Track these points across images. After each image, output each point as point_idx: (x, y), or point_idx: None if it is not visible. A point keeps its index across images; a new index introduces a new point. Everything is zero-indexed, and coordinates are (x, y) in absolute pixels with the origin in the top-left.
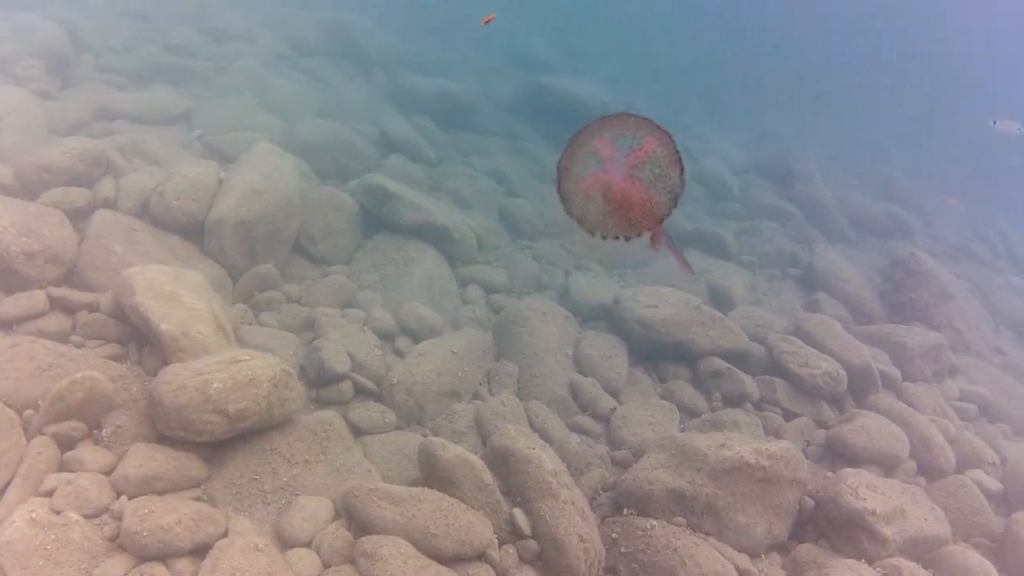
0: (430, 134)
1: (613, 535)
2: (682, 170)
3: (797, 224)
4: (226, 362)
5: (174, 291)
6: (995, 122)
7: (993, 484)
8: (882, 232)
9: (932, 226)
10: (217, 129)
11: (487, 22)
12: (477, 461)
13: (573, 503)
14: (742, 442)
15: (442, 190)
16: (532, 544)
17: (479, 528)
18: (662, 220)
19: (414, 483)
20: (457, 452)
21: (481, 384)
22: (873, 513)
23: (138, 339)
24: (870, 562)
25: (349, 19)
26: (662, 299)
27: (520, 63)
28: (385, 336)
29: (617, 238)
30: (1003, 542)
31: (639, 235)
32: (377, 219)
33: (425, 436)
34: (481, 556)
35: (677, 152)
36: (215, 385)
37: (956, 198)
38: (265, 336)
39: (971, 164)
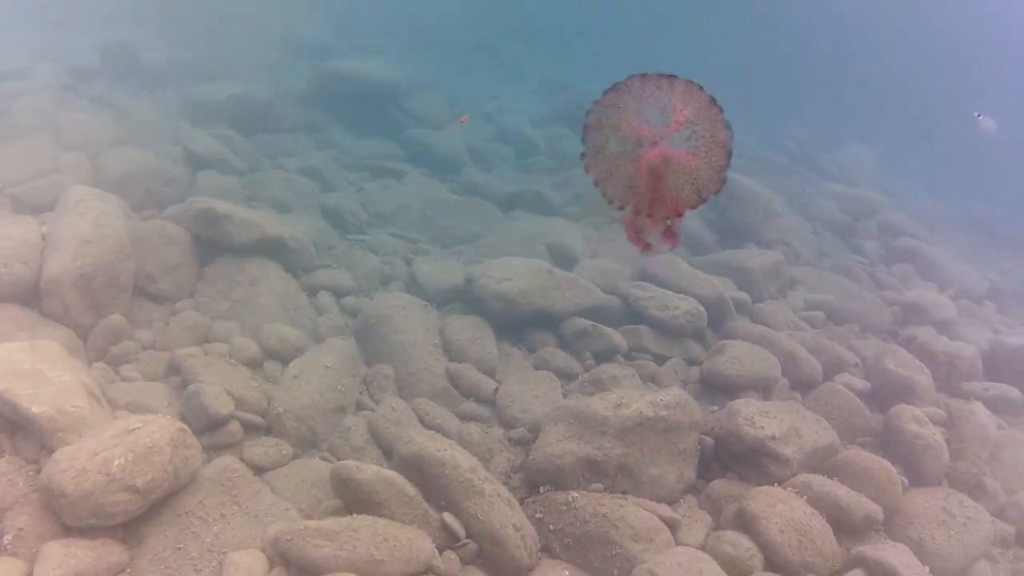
0: (234, 143)
1: (538, 515)
2: (729, 138)
3: None
4: (120, 434)
5: (35, 367)
6: (979, 115)
7: (860, 384)
8: None
9: (736, 143)
10: (17, 179)
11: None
12: (397, 476)
13: (499, 495)
14: (636, 398)
15: (260, 199)
16: (470, 544)
17: (420, 543)
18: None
19: (334, 511)
20: (374, 471)
21: (361, 393)
22: (773, 438)
23: (7, 428)
24: (780, 484)
25: (125, 36)
26: (513, 270)
27: (304, 52)
28: (253, 364)
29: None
30: (884, 437)
31: (672, 217)
32: (211, 244)
33: (325, 459)
34: (428, 570)
35: (722, 117)
36: (116, 462)
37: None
38: (134, 392)
39: (753, 77)
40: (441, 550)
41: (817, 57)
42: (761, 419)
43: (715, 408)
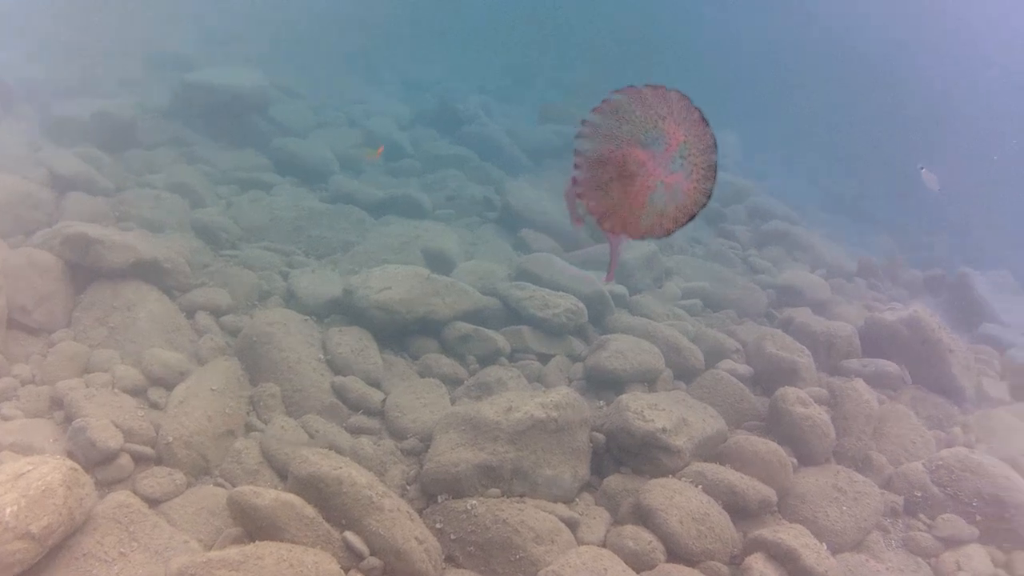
0: (99, 162)
1: (438, 525)
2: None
3: (476, 165)
4: (10, 479)
5: None
6: (922, 168)
7: (743, 369)
8: (555, 154)
9: None
10: None
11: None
12: (295, 499)
13: (399, 509)
14: (525, 400)
15: (131, 220)
16: (374, 561)
17: (326, 565)
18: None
19: (235, 539)
20: (272, 496)
21: (249, 413)
22: (664, 430)
23: None
24: (674, 474)
25: None
26: (392, 279)
27: (166, 65)
28: (137, 392)
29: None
30: (771, 420)
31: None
32: (84, 269)
33: (219, 485)
34: None
35: (711, 137)
36: (9, 509)
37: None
38: (17, 432)
39: (615, 68)
40: (346, 570)
41: (678, 43)
42: (650, 412)
43: (602, 404)
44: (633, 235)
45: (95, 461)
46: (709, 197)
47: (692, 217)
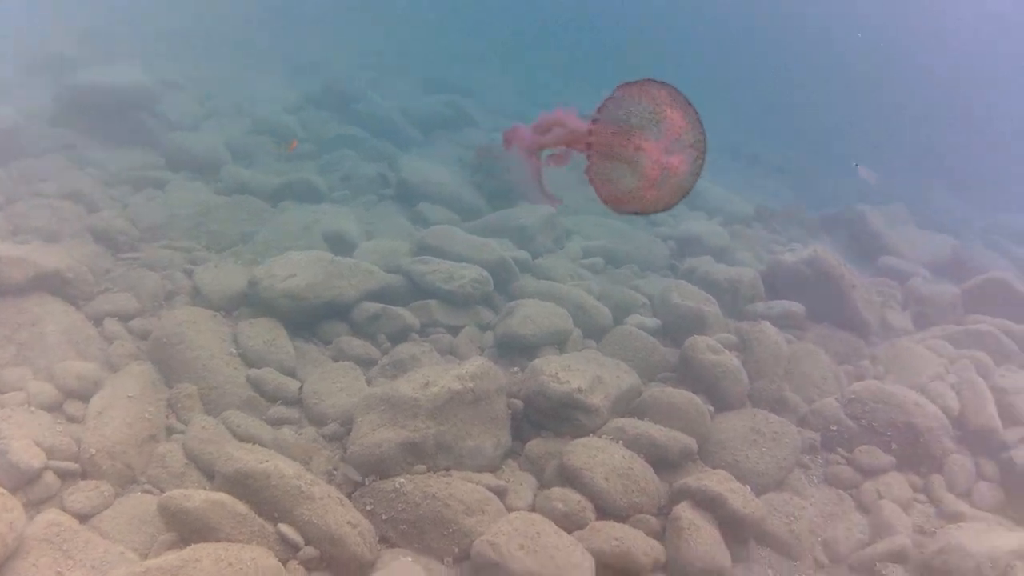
0: None
1: (368, 507)
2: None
3: (369, 144)
4: None
5: None
6: (856, 165)
7: (651, 322)
8: (448, 125)
9: (490, 100)
10: None
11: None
12: (226, 497)
13: (329, 495)
14: (441, 374)
15: (26, 232)
16: (311, 551)
17: (264, 560)
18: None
19: (170, 545)
20: (202, 497)
21: (168, 416)
22: (579, 390)
23: None
24: (594, 433)
25: None
26: (295, 266)
27: (42, 67)
28: (53, 408)
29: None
30: (683, 369)
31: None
32: None
33: (148, 491)
34: None
35: (699, 120)
36: None
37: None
38: None
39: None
40: (284, 562)
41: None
42: (564, 373)
43: (516, 370)
44: (641, 213)
45: (20, 483)
46: (700, 174)
47: (687, 192)
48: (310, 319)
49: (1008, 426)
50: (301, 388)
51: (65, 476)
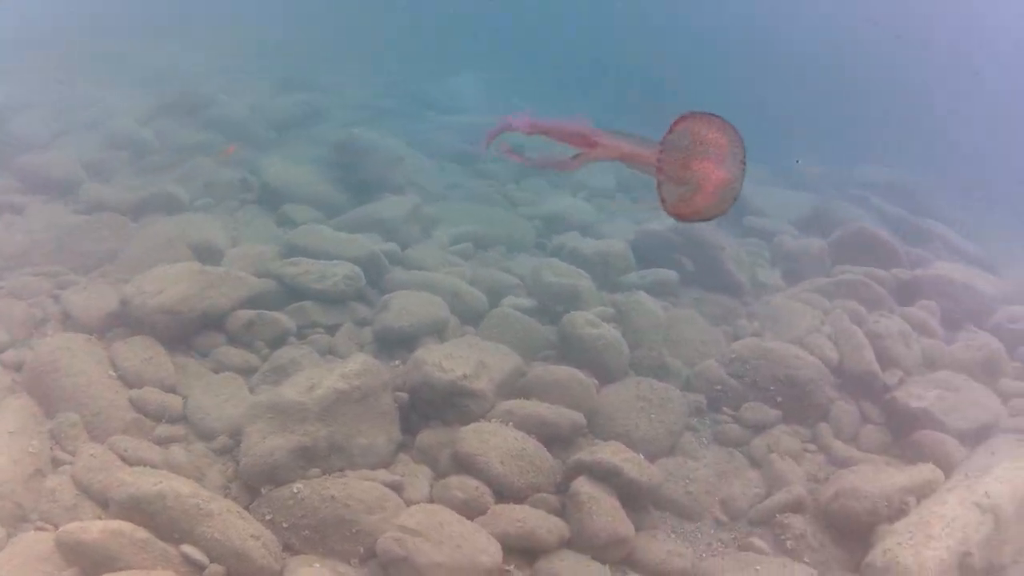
0: None
1: (268, 517)
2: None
3: (225, 148)
4: None
5: None
6: (798, 161)
7: (526, 302)
8: (303, 123)
9: (344, 96)
10: None
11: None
12: (124, 524)
13: (228, 510)
14: (325, 375)
15: None
16: (216, 568)
17: None
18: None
19: None
20: (100, 527)
21: (53, 448)
22: (464, 376)
23: None
24: (484, 418)
25: None
26: (165, 280)
27: None
28: None
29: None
30: (564, 346)
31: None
32: None
33: (41, 528)
34: None
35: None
36: None
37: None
38: None
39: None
40: None
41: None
42: (448, 362)
43: (398, 363)
44: (703, 220)
45: None
46: (741, 184)
47: (738, 196)
48: (186, 332)
49: (886, 368)
50: (185, 404)
51: None
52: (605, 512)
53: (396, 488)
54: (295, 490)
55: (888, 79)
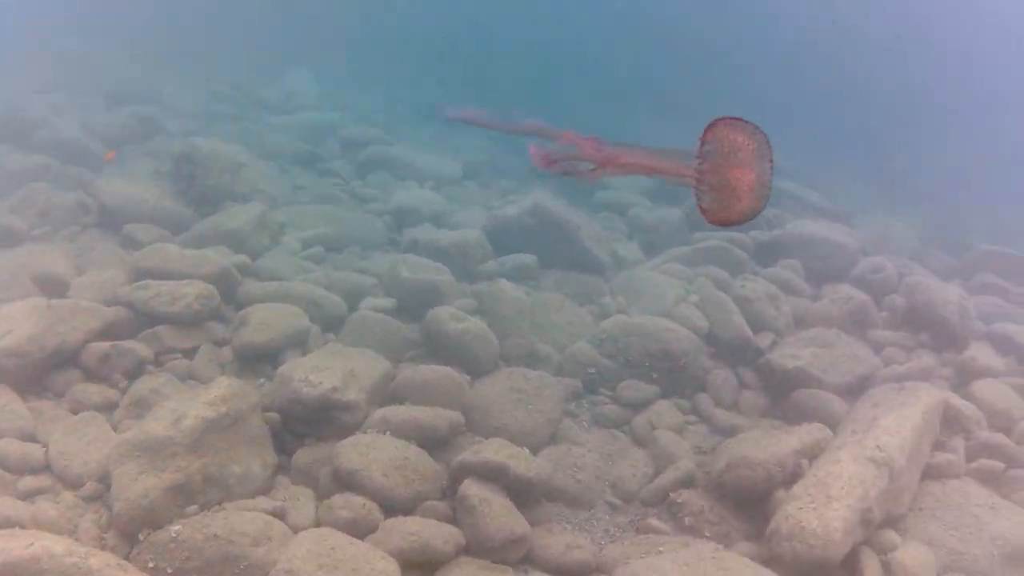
0: None
1: (151, 564)
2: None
3: (58, 171)
4: None
5: None
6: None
7: (386, 302)
8: (135, 138)
9: (179, 105)
10: None
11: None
12: None
13: (108, 564)
14: (190, 405)
15: None
16: None
17: None
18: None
19: None
20: None
21: None
22: (334, 389)
23: None
24: (359, 430)
25: None
26: (10, 320)
27: None
28: None
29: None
30: (430, 344)
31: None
32: None
33: None
34: None
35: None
36: None
37: None
38: None
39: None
40: None
41: None
42: (315, 375)
43: (263, 381)
44: (742, 223)
45: None
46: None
47: (770, 194)
48: (39, 374)
49: (758, 332)
50: (47, 451)
51: None
52: (497, 513)
53: (279, 515)
54: (174, 532)
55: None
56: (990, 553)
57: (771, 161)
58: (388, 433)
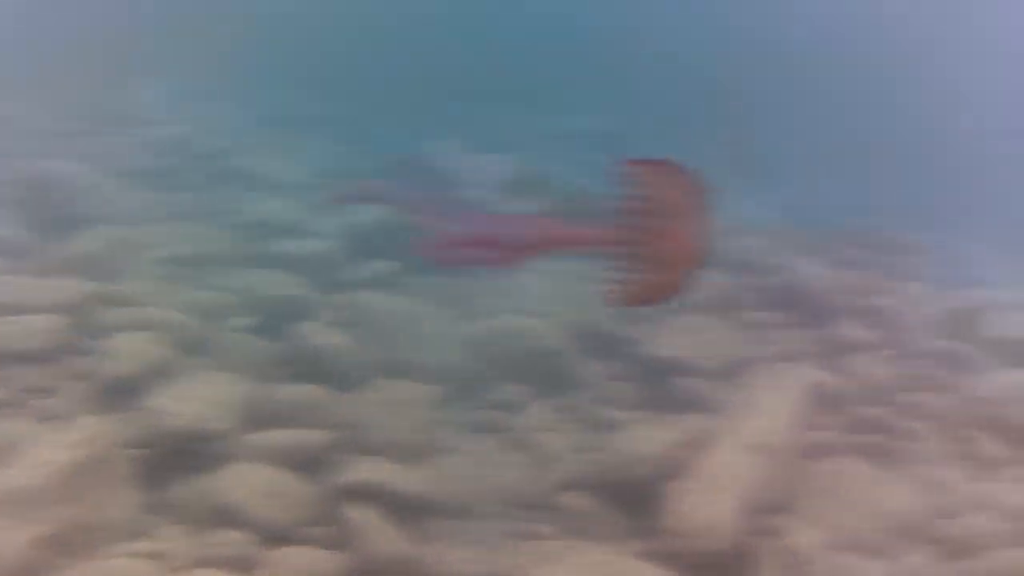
0: None
1: None
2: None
3: None
4: None
5: None
6: None
7: (248, 321)
8: None
9: (20, 123)
10: None
11: None
12: None
13: None
14: (54, 449)
15: None
16: None
17: None
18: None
19: None
20: None
21: None
22: (202, 418)
23: None
24: (233, 458)
25: None
26: None
27: None
28: None
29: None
30: (292, 361)
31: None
32: None
33: None
34: None
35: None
36: None
37: None
38: None
39: None
40: None
41: None
42: (180, 405)
43: (128, 415)
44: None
45: None
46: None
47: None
48: None
49: (629, 324)
50: None
51: None
52: (381, 533)
53: (157, 558)
54: None
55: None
56: (880, 527)
57: (706, 208)
58: (262, 460)
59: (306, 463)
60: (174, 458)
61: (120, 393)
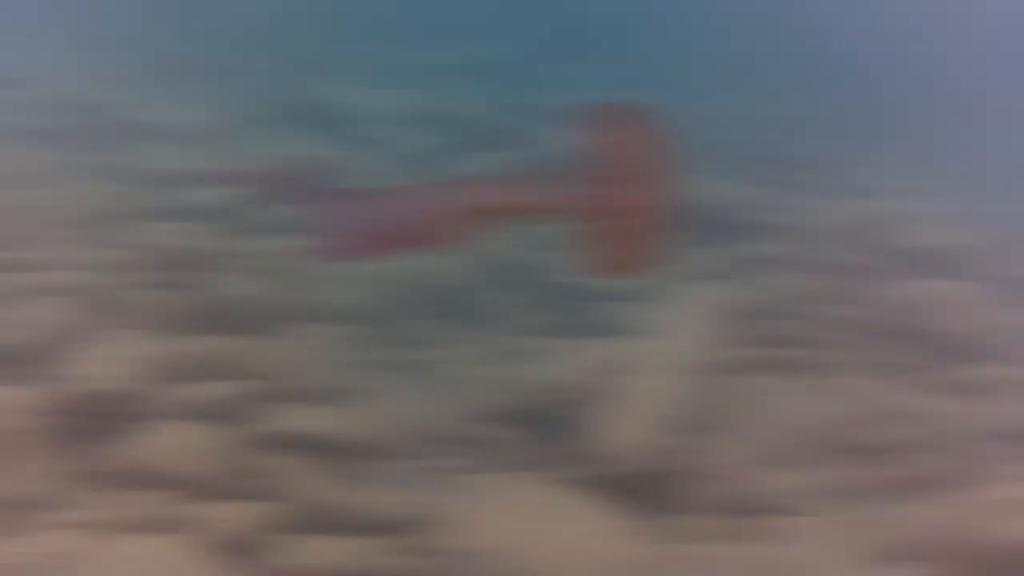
0: None
1: None
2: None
3: None
4: None
5: None
6: None
7: (155, 275)
8: None
9: None
10: None
11: None
12: None
13: None
14: None
15: None
16: None
17: None
18: None
19: None
20: None
21: None
22: (118, 377)
23: None
24: (156, 417)
25: None
26: None
27: None
28: None
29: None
30: (205, 312)
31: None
32: None
33: None
34: None
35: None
36: None
37: None
38: None
39: None
40: None
41: None
42: (95, 366)
43: (38, 383)
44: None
45: None
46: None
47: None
48: None
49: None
50: None
51: None
52: (309, 480)
53: (85, 527)
54: None
55: None
56: (802, 441)
57: (671, 170)
58: (182, 416)
59: (227, 415)
60: (92, 423)
61: (31, 361)
